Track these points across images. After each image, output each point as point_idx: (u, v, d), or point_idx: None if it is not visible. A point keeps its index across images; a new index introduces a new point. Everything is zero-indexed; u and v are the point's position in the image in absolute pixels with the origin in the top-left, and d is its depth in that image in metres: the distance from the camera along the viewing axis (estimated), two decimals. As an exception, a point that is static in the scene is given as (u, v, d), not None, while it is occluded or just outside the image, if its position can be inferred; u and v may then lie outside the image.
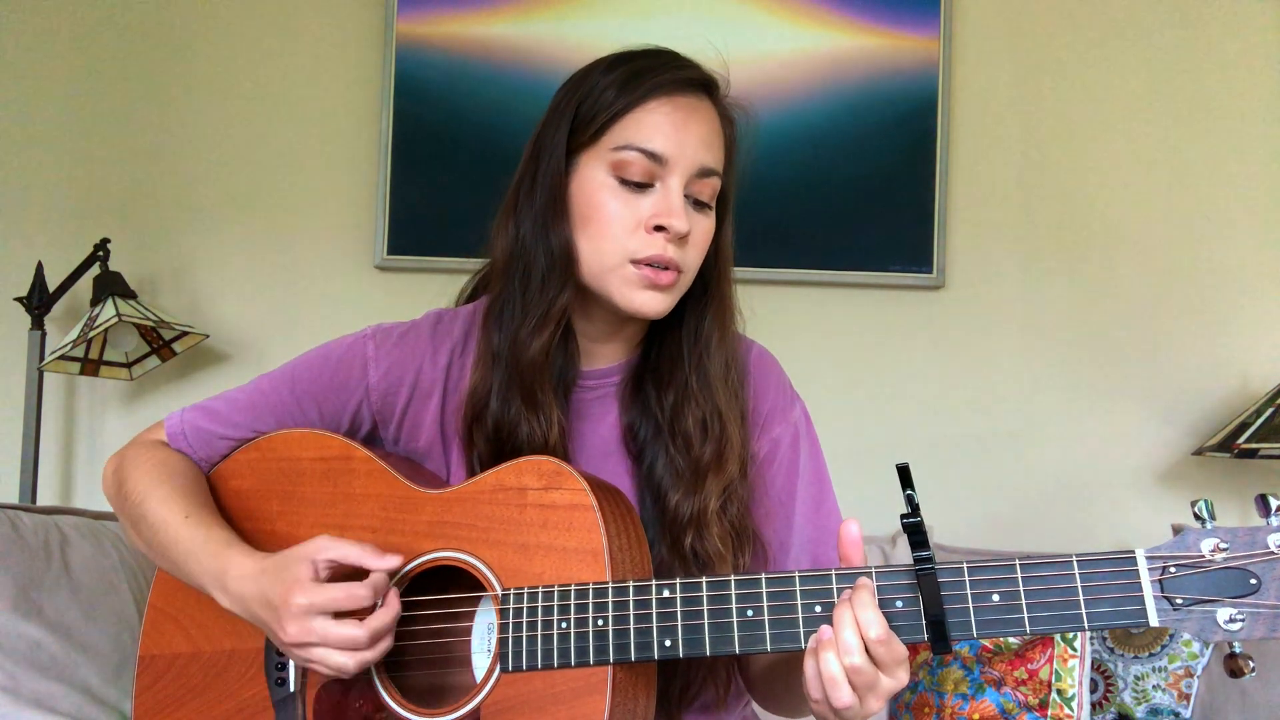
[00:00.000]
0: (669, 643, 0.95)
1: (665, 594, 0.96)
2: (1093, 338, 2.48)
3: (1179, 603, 0.85)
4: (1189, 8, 2.50)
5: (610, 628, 0.96)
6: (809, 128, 2.45)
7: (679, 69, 1.12)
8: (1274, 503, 0.84)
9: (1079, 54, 2.51)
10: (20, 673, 1.64)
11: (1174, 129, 2.49)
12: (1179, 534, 0.87)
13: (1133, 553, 0.86)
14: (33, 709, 1.63)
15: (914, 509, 0.90)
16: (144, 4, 2.50)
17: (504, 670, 1.00)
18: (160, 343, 2.39)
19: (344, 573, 1.03)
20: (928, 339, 2.48)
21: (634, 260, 1.08)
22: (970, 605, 0.89)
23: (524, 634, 0.99)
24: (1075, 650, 2.02)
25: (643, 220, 1.08)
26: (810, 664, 0.91)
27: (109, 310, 2.19)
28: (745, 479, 1.15)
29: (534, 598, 0.99)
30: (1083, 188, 2.50)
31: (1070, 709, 2.00)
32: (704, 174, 1.10)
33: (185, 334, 2.34)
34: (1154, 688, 2.13)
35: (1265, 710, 2.07)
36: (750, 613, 0.93)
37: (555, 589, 0.99)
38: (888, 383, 2.47)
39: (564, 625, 0.98)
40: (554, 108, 1.14)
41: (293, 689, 1.08)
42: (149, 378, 2.45)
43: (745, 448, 1.16)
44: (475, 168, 2.42)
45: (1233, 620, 0.84)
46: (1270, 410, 2.23)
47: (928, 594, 0.89)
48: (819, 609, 0.92)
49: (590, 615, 0.97)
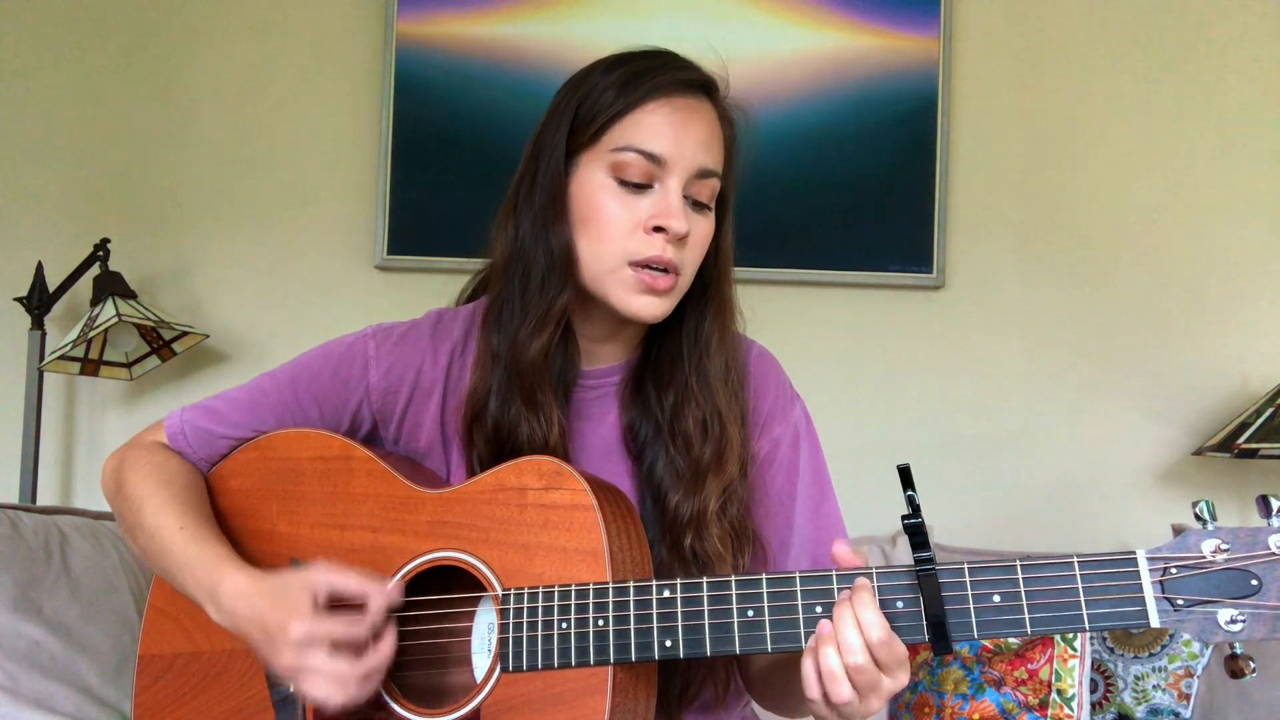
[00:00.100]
0: (669, 643, 0.95)
1: (666, 594, 0.96)
2: (1092, 338, 2.48)
3: (1180, 604, 0.85)
4: (1189, 8, 2.50)
5: (610, 628, 0.96)
6: (809, 128, 2.45)
7: (678, 70, 1.12)
8: (1275, 504, 0.84)
9: (1079, 54, 2.51)
10: (20, 673, 1.64)
11: (1174, 128, 2.49)
12: (1180, 535, 0.87)
13: (1134, 553, 0.86)
14: (33, 709, 1.63)
15: (915, 509, 0.90)
16: (144, 4, 2.50)
17: (504, 670, 0.99)
18: (160, 343, 2.39)
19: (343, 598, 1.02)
20: (928, 339, 2.48)
21: (633, 262, 1.08)
22: (971, 606, 0.89)
23: (524, 634, 0.99)
24: (1075, 650, 2.02)
25: (642, 221, 1.08)
26: (809, 661, 0.91)
27: (109, 310, 2.19)
28: (745, 479, 1.15)
29: (534, 598, 0.99)
30: (1083, 188, 2.49)
31: (1070, 709, 2.00)
32: (703, 175, 1.10)
33: (185, 334, 2.34)
34: (1154, 688, 2.13)
35: (1265, 710, 2.07)
36: (751, 613, 0.93)
37: (555, 589, 0.99)
38: (888, 383, 2.47)
39: (564, 625, 0.97)
40: (554, 108, 1.14)
41: (292, 689, 1.08)
42: (149, 378, 2.45)
43: (745, 448, 1.16)
44: (475, 168, 2.42)
45: (1234, 621, 0.84)
46: (1270, 410, 2.23)
47: (928, 594, 0.89)
48: (819, 609, 0.92)
49: (590, 615, 0.97)
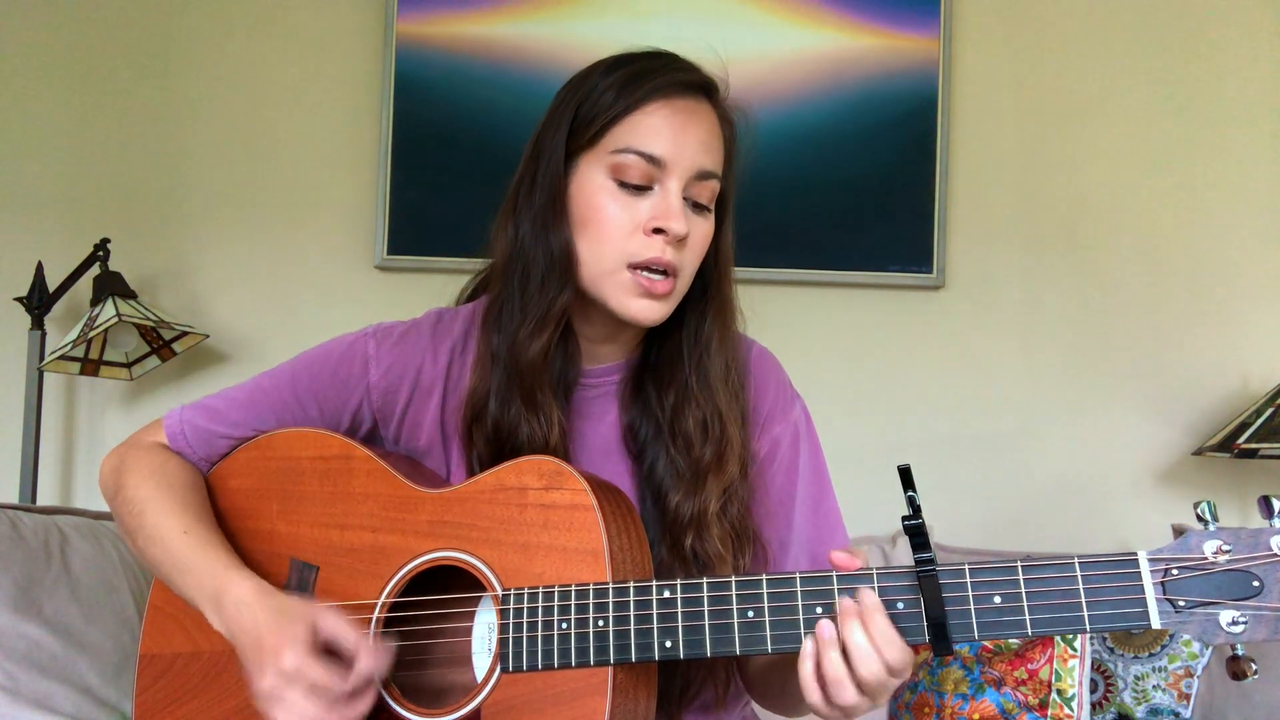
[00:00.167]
0: (669, 643, 0.95)
1: (666, 594, 0.96)
2: (1092, 338, 2.48)
3: (1181, 605, 0.84)
4: (1189, 8, 2.50)
5: (611, 628, 0.96)
6: (809, 128, 2.45)
7: (678, 71, 1.12)
8: (1277, 504, 0.84)
9: (1079, 54, 2.51)
10: (20, 673, 1.64)
11: (1174, 128, 2.49)
12: (1181, 535, 0.87)
13: (1135, 554, 0.86)
14: (33, 709, 1.63)
15: (915, 510, 0.90)
16: (144, 5, 2.50)
17: (504, 670, 0.99)
18: (160, 343, 2.39)
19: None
20: (928, 339, 2.48)
21: (632, 264, 1.07)
22: (972, 607, 0.89)
23: (524, 634, 0.99)
24: (1075, 650, 2.02)
25: (641, 223, 1.07)
26: (808, 665, 0.91)
27: (109, 310, 2.19)
28: (746, 480, 1.15)
29: (534, 598, 0.99)
30: (1083, 188, 2.49)
31: (1070, 709, 2.00)
32: (703, 177, 1.10)
33: (185, 334, 2.34)
34: (1154, 688, 2.13)
35: (1265, 710, 2.07)
36: (751, 614, 0.93)
37: (555, 589, 0.98)
38: (888, 383, 2.47)
39: (564, 625, 0.97)
40: (554, 109, 1.13)
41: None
42: (149, 378, 2.45)
43: (746, 449, 1.16)
44: (475, 168, 2.42)
45: (1235, 622, 0.84)
46: (1270, 410, 2.23)
47: (929, 595, 0.89)
48: (820, 610, 0.92)
49: (591, 616, 0.97)
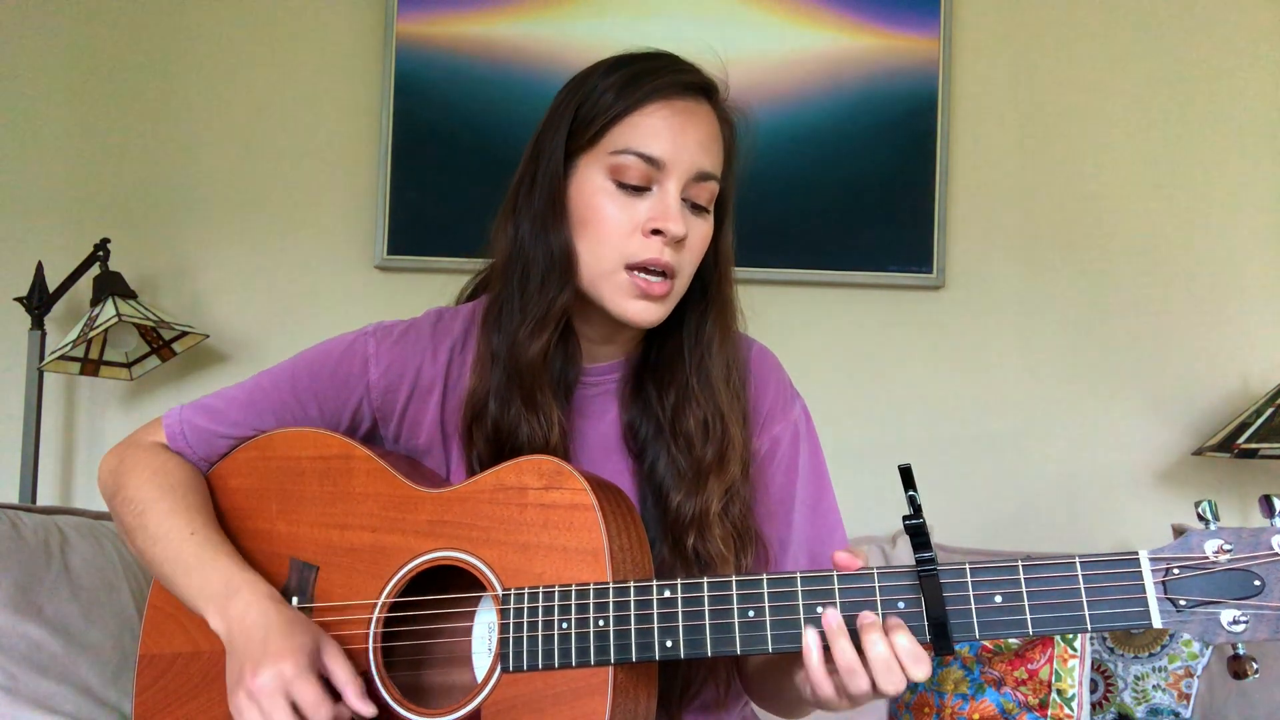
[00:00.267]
0: (670, 643, 0.95)
1: (666, 594, 0.96)
2: (1093, 338, 2.48)
3: (1182, 604, 0.84)
4: (1190, 8, 2.50)
5: (611, 628, 0.96)
6: (809, 128, 2.45)
7: (678, 72, 1.11)
8: (1278, 504, 0.84)
9: (1079, 54, 2.51)
10: (20, 673, 1.64)
11: (1174, 128, 2.49)
12: (1182, 535, 0.87)
13: (1136, 554, 0.86)
14: (33, 709, 1.63)
15: (916, 510, 0.90)
16: (144, 5, 2.50)
17: (504, 670, 0.99)
18: (160, 343, 2.39)
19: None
20: (928, 339, 2.48)
21: (629, 265, 1.07)
22: (973, 606, 0.89)
23: (524, 634, 0.99)
24: (1075, 650, 2.02)
25: (640, 224, 1.07)
26: (814, 658, 0.91)
27: (109, 310, 2.19)
28: (747, 480, 1.15)
29: (534, 598, 0.99)
30: (1083, 188, 2.49)
31: (1070, 709, 2.00)
32: (701, 178, 1.09)
33: (185, 334, 2.34)
34: (1154, 688, 2.13)
35: (1265, 710, 2.07)
36: (751, 613, 0.93)
37: (556, 589, 0.98)
38: (888, 383, 2.47)
39: (564, 625, 0.97)
40: (554, 110, 1.13)
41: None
42: (149, 378, 2.45)
43: (747, 449, 1.16)
44: (475, 168, 2.42)
45: (1236, 622, 0.84)
46: (1270, 410, 2.23)
47: (930, 595, 0.89)
48: (820, 609, 0.92)
49: (591, 615, 0.97)
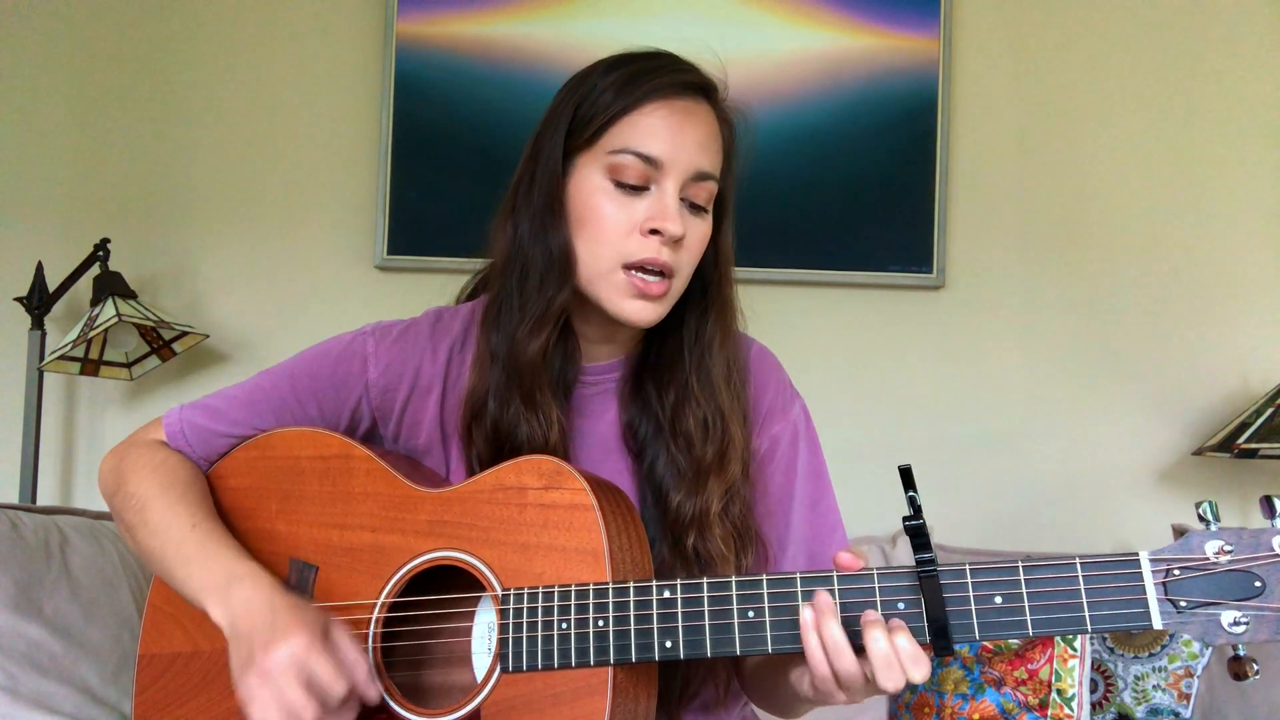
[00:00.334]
0: (670, 643, 0.95)
1: (666, 595, 0.96)
2: (1092, 338, 2.48)
3: (1183, 605, 0.84)
4: (1190, 9, 2.50)
5: (611, 628, 0.96)
6: (809, 128, 2.45)
7: (677, 72, 1.11)
8: (1279, 505, 0.84)
9: (1079, 54, 2.51)
10: (20, 673, 1.64)
11: (1174, 128, 2.49)
12: (1183, 535, 0.86)
13: (1136, 555, 0.86)
14: (33, 709, 1.63)
15: (916, 511, 0.90)
16: (144, 4, 2.50)
17: (504, 670, 0.99)
18: (160, 343, 2.39)
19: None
20: (928, 339, 2.48)
21: (627, 265, 1.07)
22: (973, 607, 0.89)
23: (524, 634, 0.99)
24: (1075, 650, 2.02)
25: (638, 224, 1.07)
26: (813, 639, 0.91)
27: (109, 310, 2.19)
28: (747, 479, 1.15)
29: (534, 598, 0.99)
30: (1083, 188, 2.49)
31: (1070, 709, 2.00)
32: (700, 178, 1.09)
33: (185, 334, 2.34)
34: (1154, 688, 2.13)
35: (1265, 710, 2.07)
36: (751, 614, 0.93)
37: (555, 589, 0.98)
38: (888, 383, 2.47)
39: (564, 626, 0.97)
40: (553, 109, 1.13)
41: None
42: (149, 378, 2.45)
43: (747, 448, 1.16)
44: (475, 168, 2.42)
45: (1237, 623, 0.83)
46: (1270, 410, 2.23)
47: (930, 596, 0.88)
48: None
49: (590, 616, 0.97)
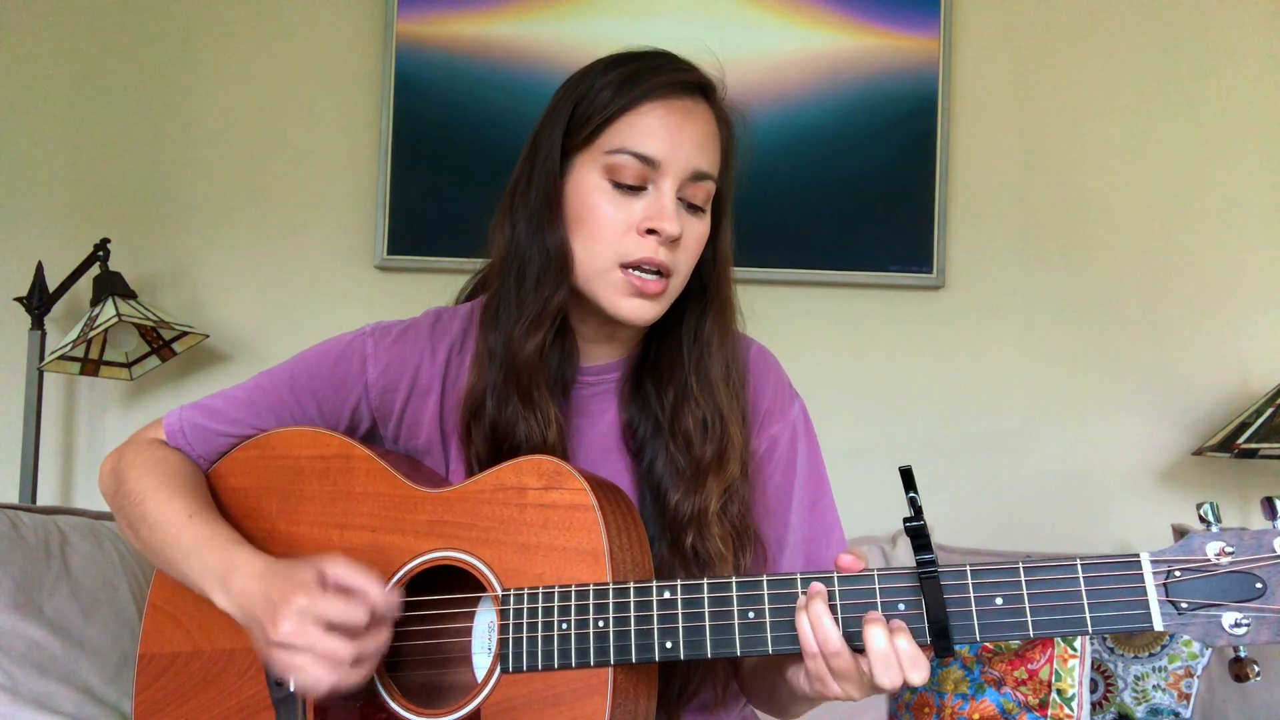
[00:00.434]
0: (670, 644, 0.95)
1: (666, 595, 0.96)
2: (1093, 337, 2.48)
3: (1184, 607, 0.84)
4: (1190, 9, 2.50)
5: (611, 629, 0.96)
6: (809, 128, 2.45)
7: (675, 71, 1.11)
8: (1280, 506, 0.84)
9: (1079, 54, 2.51)
10: (20, 673, 1.64)
11: (1174, 128, 2.49)
12: (1183, 536, 0.86)
13: (1137, 556, 0.86)
14: (33, 709, 1.63)
15: (917, 511, 0.90)
16: (143, 5, 2.50)
17: (504, 671, 0.99)
18: (160, 343, 2.39)
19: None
20: (928, 339, 2.48)
21: (624, 264, 1.07)
22: (974, 608, 0.89)
23: (524, 635, 0.99)
24: (1075, 650, 2.02)
25: (635, 223, 1.07)
26: (805, 624, 0.91)
27: (109, 310, 2.19)
28: (746, 479, 1.15)
29: (534, 598, 0.99)
30: (1083, 188, 2.49)
31: (1070, 709, 2.00)
32: (697, 178, 1.09)
33: (185, 334, 2.34)
34: (1154, 688, 2.13)
35: (1265, 710, 2.07)
36: (752, 614, 0.93)
37: (555, 589, 0.98)
38: (888, 383, 2.47)
39: (564, 626, 0.97)
40: (551, 108, 1.13)
41: (293, 688, 1.08)
42: (149, 378, 2.45)
43: (746, 448, 1.16)
44: (475, 168, 2.42)
45: (1238, 625, 0.83)
46: (1270, 410, 2.23)
47: (931, 597, 0.88)
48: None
49: (591, 616, 0.97)
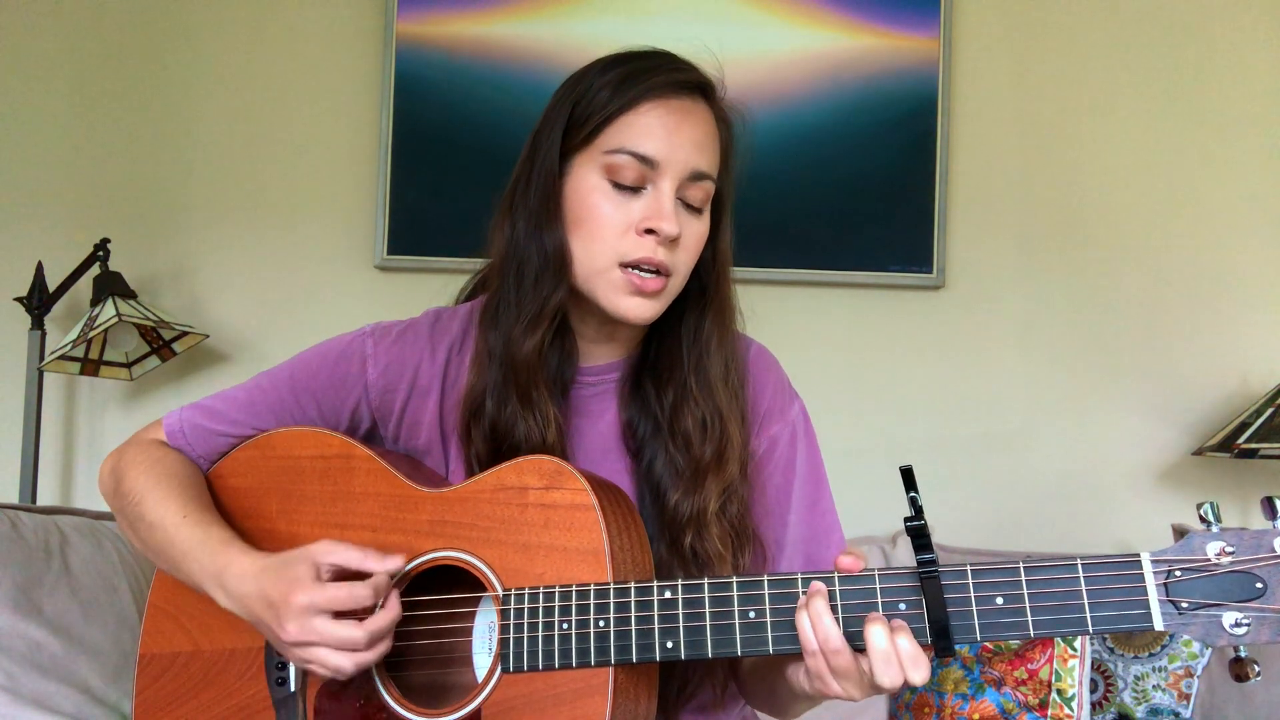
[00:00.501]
0: (670, 644, 0.95)
1: (667, 595, 0.96)
2: (1093, 337, 2.48)
3: (1184, 606, 0.84)
4: (1190, 8, 2.50)
5: (611, 629, 0.96)
6: (809, 128, 2.45)
7: (674, 71, 1.11)
8: (1280, 505, 0.84)
9: (1079, 54, 2.51)
10: (20, 673, 1.64)
11: (1174, 129, 2.49)
12: (1183, 536, 0.86)
13: (1138, 556, 0.86)
14: (33, 709, 1.63)
15: (917, 511, 0.90)
16: (143, 4, 2.50)
17: (505, 670, 0.99)
18: (160, 343, 2.39)
19: (345, 575, 1.03)
20: (928, 339, 2.48)
21: (623, 263, 1.07)
22: (974, 608, 0.88)
23: (525, 634, 0.99)
24: (1075, 650, 2.02)
25: (634, 223, 1.07)
26: (804, 620, 0.91)
27: (109, 310, 2.19)
28: (746, 479, 1.15)
29: (535, 598, 0.99)
30: (1083, 188, 2.49)
31: (1070, 709, 2.00)
32: (696, 177, 1.09)
33: (185, 334, 2.34)
34: (1154, 688, 2.13)
35: (1265, 710, 2.07)
36: (752, 614, 0.93)
37: (556, 589, 0.98)
38: (888, 383, 2.47)
39: (565, 626, 0.97)
40: (550, 108, 1.13)
41: (293, 688, 1.08)
42: (149, 378, 2.45)
43: (746, 448, 1.16)
44: (475, 168, 2.42)
45: (1238, 625, 0.83)
46: (1270, 410, 2.23)
47: (931, 597, 0.88)
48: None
49: (591, 616, 0.97)
